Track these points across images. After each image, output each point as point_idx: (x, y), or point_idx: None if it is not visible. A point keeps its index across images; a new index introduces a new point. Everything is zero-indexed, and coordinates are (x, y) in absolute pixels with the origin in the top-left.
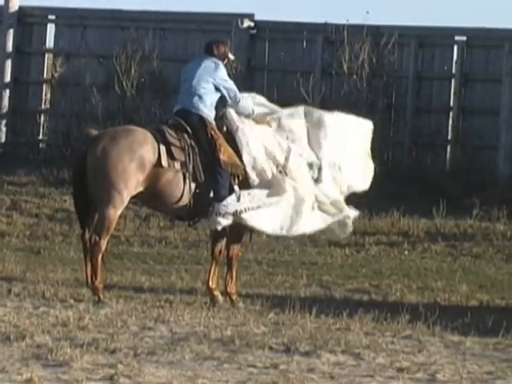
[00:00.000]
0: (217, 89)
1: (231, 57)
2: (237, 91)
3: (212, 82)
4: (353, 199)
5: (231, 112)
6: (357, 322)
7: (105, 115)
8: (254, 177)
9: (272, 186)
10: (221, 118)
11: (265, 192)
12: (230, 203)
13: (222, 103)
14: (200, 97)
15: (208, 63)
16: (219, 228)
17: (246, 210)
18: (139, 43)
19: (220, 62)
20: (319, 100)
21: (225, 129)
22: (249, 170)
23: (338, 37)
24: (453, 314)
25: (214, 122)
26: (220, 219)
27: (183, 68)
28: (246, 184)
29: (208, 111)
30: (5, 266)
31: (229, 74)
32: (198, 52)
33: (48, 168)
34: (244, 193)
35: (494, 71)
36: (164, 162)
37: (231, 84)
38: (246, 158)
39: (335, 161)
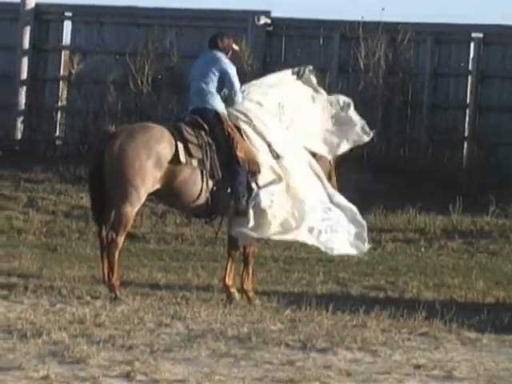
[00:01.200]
0: (222, 80)
1: (235, 47)
2: (236, 87)
3: (216, 74)
4: (369, 196)
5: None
6: (373, 319)
7: (121, 112)
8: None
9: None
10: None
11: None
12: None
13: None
14: (211, 93)
15: (211, 57)
16: (240, 240)
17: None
18: (155, 40)
19: (222, 54)
20: None
21: (241, 123)
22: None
23: (354, 34)
24: (469, 310)
25: (228, 118)
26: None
27: (192, 66)
28: (263, 181)
29: (222, 106)
30: (21, 262)
31: (244, 73)
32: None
33: (64, 165)
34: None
35: (511, 68)
36: (181, 158)
37: (232, 78)
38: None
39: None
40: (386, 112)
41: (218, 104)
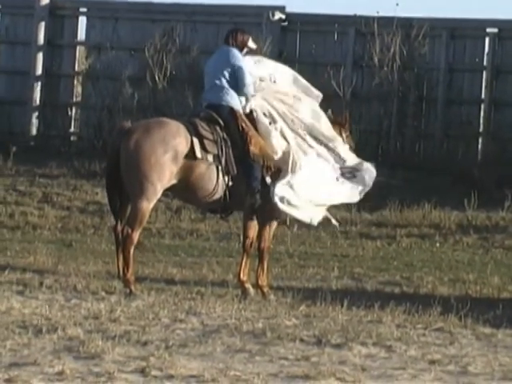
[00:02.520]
0: (235, 75)
1: (252, 45)
2: (247, 82)
3: (229, 70)
4: (384, 192)
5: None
6: (388, 315)
7: (136, 108)
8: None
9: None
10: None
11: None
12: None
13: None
14: (226, 90)
15: (224, 53)
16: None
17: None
18: (170, 35)
19: (235, 50)
20: (350, 92)
21: (256, 117)
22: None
23: (369, 29)
24: (484, 306)
25: (243, 114)
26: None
27: (205, 62)
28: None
29: (237, 101)
30: (36, 258)
31: None
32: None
33: (79, 160)
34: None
35: None
36: (197, 154)
37: (244, 73)
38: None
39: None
40: (401, 107)
41: (232, 100)
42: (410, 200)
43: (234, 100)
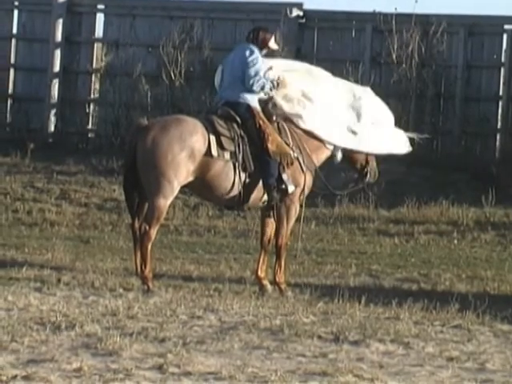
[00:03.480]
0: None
1: (273, 46)
2: (257, 81)
3: (246, 67)
4: (402, 188)
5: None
6: (406, 312)
7: (153, 105)
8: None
9: None
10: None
11: None
12: None
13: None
14: (243, 87)
15: (243, 51)
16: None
17: None
18: (188, 32)
19: (254, 48)
20: None
21: (274, 118)
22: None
23: (386, 26)
24: (502, 303)
25: (261, 111)
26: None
27: (223, 59)
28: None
29: (254, 99)
30: (54, 255)
31: None
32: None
33: (97, 157)
34: None
35: None
36: (214, 151)
37: (257, 71)
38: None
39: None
40: (419, 104)
41: (250, 97)
42: (428, 197)
43: (252, 98)
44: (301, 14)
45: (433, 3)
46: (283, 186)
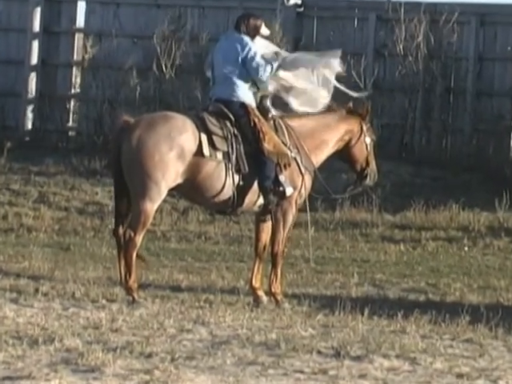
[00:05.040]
0: (247, 65)
1: (265, 32)
2: (261, 68)
3: (240, 61)
4: (408, 191)
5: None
6: (412, 324)
7: (140, 100)
8: None
9: None
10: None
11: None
12: None
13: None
14: (236, 83)
15: (233, 42)
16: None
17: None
18: (178, 22)
19: (246, 38)
20: (372, 83)
21: (270, 115)
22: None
23: (392, 15)
24: None
25: (255, 108)
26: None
27: (212, 50)
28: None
29: (249, 96)
30: (32, 263)
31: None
32: None
33: (78, 157)
34: None
35: None
36: (205, 151)
37: (257, 60)
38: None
39: None
40: (427, 100)
41: (244, 95)
42: (437, 200)
43: (246, 95)
44: (299, 1)
45: None
46: (280, 189)
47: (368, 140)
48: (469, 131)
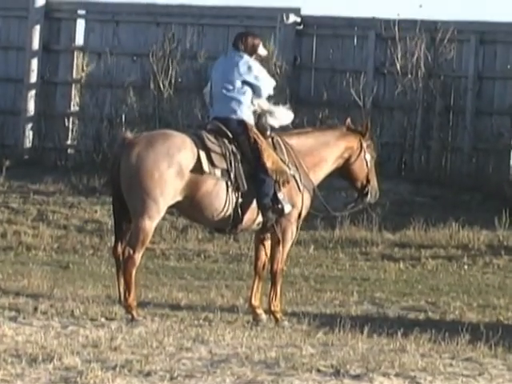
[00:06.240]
0: (247, 85)
1: (262, 52)
2: (263, 92)
3: (240, 80)
4: (408, 209)
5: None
6: (412, 343)
7: (139, 118)
8: None
9: None
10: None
11: None
12: None
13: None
14: (235, 101)
15: (233, 60)
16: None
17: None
18: (176, 40)
19: (246, 56)
20: (371, 101)
21: (268, 132)
22: None
23: (390, 33)
24: None
25: (254, 126)
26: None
27: (211, 68)
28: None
29: (248, 114)
30: (31, 281)
31: (272, 76)
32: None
33: (77, 175)
34: None
35: None
36: (204, 168)
37: (261, 80)
38: None
39: None
40: (426, 118)
41: (242, 112)
42: (436, 218)
43: (245, 113)
44: (298, 20)
45: (440, 8)
46: (279, 206)
47: (368, 157)
48: (468, 150)
